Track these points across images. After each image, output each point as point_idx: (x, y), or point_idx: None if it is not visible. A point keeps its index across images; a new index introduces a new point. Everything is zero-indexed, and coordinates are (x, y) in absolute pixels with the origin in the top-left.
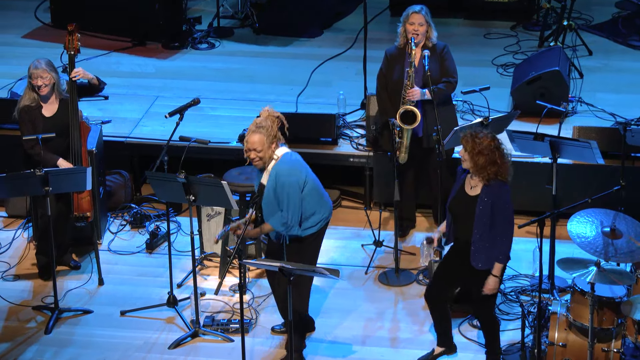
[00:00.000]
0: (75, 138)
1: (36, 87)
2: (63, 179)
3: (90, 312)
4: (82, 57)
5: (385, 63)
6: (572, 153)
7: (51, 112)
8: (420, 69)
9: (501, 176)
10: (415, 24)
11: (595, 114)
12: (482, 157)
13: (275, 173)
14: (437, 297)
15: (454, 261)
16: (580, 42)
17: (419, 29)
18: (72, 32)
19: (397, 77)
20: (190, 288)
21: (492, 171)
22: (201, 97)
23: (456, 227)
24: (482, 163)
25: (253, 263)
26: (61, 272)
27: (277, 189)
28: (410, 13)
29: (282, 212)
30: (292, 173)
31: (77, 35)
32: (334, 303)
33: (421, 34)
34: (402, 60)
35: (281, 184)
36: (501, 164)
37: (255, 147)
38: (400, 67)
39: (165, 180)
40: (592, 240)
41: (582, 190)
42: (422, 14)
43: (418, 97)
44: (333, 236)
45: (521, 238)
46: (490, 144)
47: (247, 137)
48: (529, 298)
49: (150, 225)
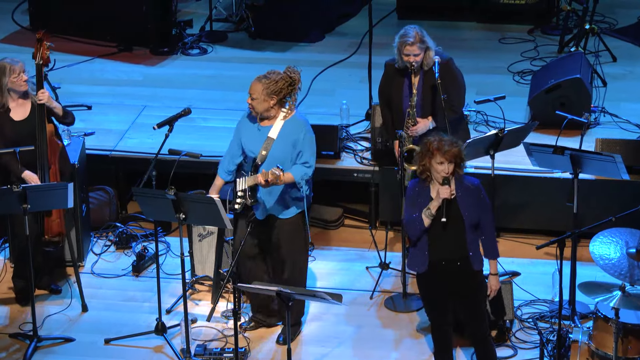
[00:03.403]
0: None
1: (19, 83)
2: (42, 195)
3: (72, 340)
4: (62, 64)
5: (384, 77)
6: (595, 168)
7: (22, 116)
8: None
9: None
10: (410, 56)
11: (619, 125)
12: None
13: (296, 124)
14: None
15: (439, 286)
16: (604, 47)
17: (414, 59)
18: (41, 40)
19: (397, 97)
20: (180, 314)
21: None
22: (192, 107)
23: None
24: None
25: (248, 287)
26: (40, 296)
27: (302, 140)
28: (403, 46)
29: (305, 163)
30: (310, 128)
31: (46, 44)
32: (336, 330)
33: (418, 62)
34: (401, 80)
35: (305, 134)
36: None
37: (252, 94)
38: (399, 86)
39: (153, 197)
40: (616, 263)
41: (606, 208)
42: (417, 45)
43: (422, 131)
44: (335, 258)
45: (540, 260)
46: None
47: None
48: (548, 325)
49: (137, 246)
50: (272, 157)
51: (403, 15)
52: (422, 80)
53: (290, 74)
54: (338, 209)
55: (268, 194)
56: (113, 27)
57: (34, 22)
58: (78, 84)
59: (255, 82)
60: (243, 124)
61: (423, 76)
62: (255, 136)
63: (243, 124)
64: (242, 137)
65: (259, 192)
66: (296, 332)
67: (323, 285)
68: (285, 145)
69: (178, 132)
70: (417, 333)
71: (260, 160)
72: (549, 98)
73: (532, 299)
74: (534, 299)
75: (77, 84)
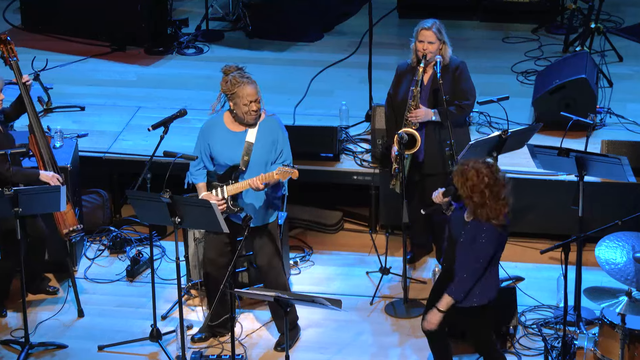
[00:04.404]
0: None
1: None
2: (34, 198)
3: (65, 346)
4: (54, 64)
5: (395, 80)
6: (601, 170)
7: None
8: (427, 88)
9: (492, 218)
10: (425, 42)
11: (626, 126)
12: (471, 196)
13: (271, 124)
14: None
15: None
16: (610, 46)
17: (428, 47)
18: (5, 41)
19: (402, 96)
20: (176, 320)
21: (483, 212)
22: (188, 108)
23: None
24: (469, 202)
25: (245, 292)
26: (33, 302)
27: (280, 139)
28: (419, 30)
29: (285, 161)
30: (283, 124)
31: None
32: (336, 337)
33: (432, 52)
34: (411, 77)
35: (282, 132)
36: (490, 206)
37: (258, 98)
38: (407, 84)
39: (148, 200)
40: (622, 267)
41: (612, 211)
42: (432, 30)
43: (422, 119)
44: (335, 263)
45: (544, 265)
46: (479, 183)
47: (245, 89)
48: (552, 331)
49: (132, 250)
50: (255, 161)
51: (404, 14)
52: (431, 79)
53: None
54: (337, 213)
55: (256, 198)
56: (107, 26)
57: (25, 20)
58: (71, 85)
59: (253, 86)
60: (209, 133)
61: (434, 75)
62: (230, 143)
63: (209, 133)
64: (214, 145)
65: (246, 198)
66: (295, 337)
67: (322, 291)
68: (266, 147)
69: (173, 133)
70: (418, 340)
71: (243, 165)
72: (553, 99)
73: (536, 305)
74: (538, 305)
75: (70, 84)
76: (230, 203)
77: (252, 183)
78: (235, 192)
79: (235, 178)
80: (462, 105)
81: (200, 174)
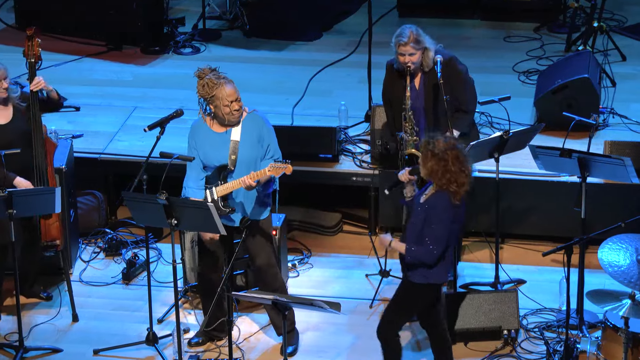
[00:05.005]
0: (40, 156)
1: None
2: (29, 200)
3: (60, 350)
4: (49, 63)
5: (386, 77)
6: (604, 171)
7: (5, 119)
8: (421, 93)
9: (455, 185)
10: (405, 56)
11: (629, 126)
12: (432, 160)
13: (254, 119)
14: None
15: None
16: (613, 45)
17: (410, 59)
18: (31, 36)
19: (398, 97)
20: (172, 324)
21: (445, 179)
22: (185, 108)
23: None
24: (431, 168)
25: (242, 295)
26: (27, 305)
27: (266, 133)
28: (397, 44)
29: (273, 157)
30: (267, 119)
31: (38, 41)
32: (335, 340)
33: (414, 63)
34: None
35: (266, 126)
36: (454, 172)
37: (238, 97)
38: (399, 88)
39: (144, 202)
40: (625, 270)
41: (615, 213)
42: (410, 45)
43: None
44: (334, 265)
45: (546, 267)
46: (446, 148)
47: (224, 90)
48: (554, 335)
49: (127, 252)
50: (242, 159)
51: (404, 13)
52: (423, 82)
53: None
54: (336, 214)
55: (247, 197)
56: (102, 25)
57: (20, 20)
58: (66, 85)
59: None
60: (196, 137)
61: (424, 78)
62: (216, 144)
63: (196, 137)
64: (202, 148)
65: (237, 198)
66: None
67: (321, 294)
68: (252, 144)
69: (170, 134)
70: (419, 343)
71: (232, 165)
72: (555, 99)
73: (538, 308)
74: (540, 308)
75: (65, 84)
76: (221, 204)
77: (243, 181)
78: (225, 192)
79: (223, 178)
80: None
81: (200, 187)
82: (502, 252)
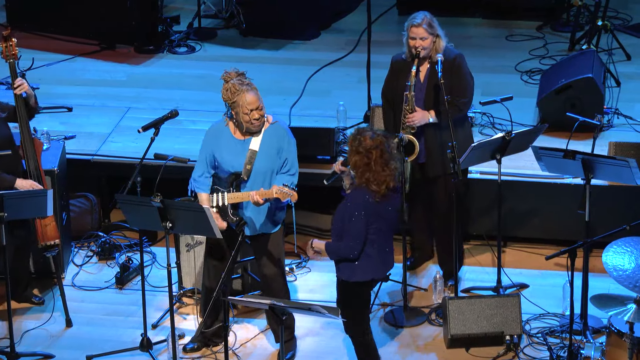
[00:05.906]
0: (31, 159)
1: None
2: (20, 203)
3: (52, 356)
4: (41, 63)
5: (389, 73)
6: (608, 173)
7: None
8: (424, 86)
9: (373, 182)
10: (417, 39)
11: (634, 127)
12: (357, 156)
13: (278, 131)
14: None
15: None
16: (617, 45)
17: (421, 44)
18: (7, 37)
19: (399, 92)
20: (167, 329)
21: (365, 177)
22: (179, 109)
23: None
24: (355, 163)
25: (240, 300)
26: (19, 310)
27: (286, 146)
28: (409, 26)
29: (289, 171)
30: (291, 132)
31: (14, 41)
32: (333, 346)
33: (425, 48)
34: (406, 74)
35: (289, 140)
36: (376, 170)
37: (259, 105)
38: (403, 81)
39: (138, 205)
40: (630, 274)
41: (620, 216)
42: (423, 27)
43: (419, 122)
44: (332, 269)
45: (549, 271)
46: (370, 147)
47: (245, 97)
48: (558, 340)
49: (121, 256)
50: (257, 170)
51: (404, 11)
52: (428, 76)
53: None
54: None
55: (257, 211)
56: (95, 23)
57: (11, 18)
58: (58, 85)
59: (254, 94)
60: (215, 138)
61: (430, 72)
62: (235, 150)
63: (215, 138)
64: (219, 152)
65: (247, 209)
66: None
67: (319, 298)
68: (270, 156)
69: (164, 135)
70: (419, 348)
71: (245, 175)
72: (559, 99)
73: (541, 313)
74: (543, 313)
75: (57, 84)
76: (231, 212)
77: (252, 197)
78: (235, 201)
79: (236, 187)
80: (455, 102)
81: (204, 183)
82: (504, 255)
